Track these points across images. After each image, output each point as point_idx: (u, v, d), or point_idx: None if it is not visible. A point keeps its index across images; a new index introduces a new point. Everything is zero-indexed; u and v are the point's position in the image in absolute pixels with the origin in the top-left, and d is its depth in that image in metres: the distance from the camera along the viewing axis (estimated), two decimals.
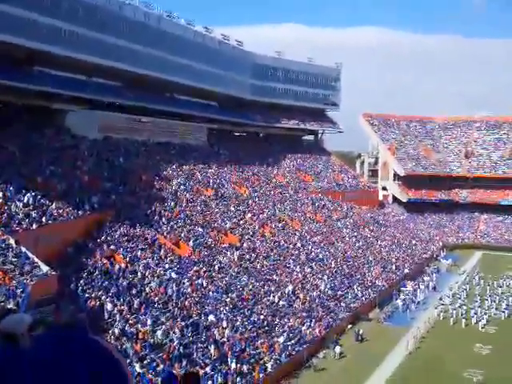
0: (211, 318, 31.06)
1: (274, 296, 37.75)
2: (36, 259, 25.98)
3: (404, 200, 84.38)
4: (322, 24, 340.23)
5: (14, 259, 25.03)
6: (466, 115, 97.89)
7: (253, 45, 74.68)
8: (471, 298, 48.21)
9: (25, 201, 31.56)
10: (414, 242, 68.20)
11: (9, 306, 20.24)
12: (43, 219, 30.94)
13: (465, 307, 44.40)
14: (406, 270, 55.98)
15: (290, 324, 34.72)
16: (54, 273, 25.95)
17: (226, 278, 37.14)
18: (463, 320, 41.56)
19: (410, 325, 40.53)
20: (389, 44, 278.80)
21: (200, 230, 43.05)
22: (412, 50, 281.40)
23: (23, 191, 32.44)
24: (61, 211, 33.15)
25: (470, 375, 31.50)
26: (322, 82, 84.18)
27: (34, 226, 29.70)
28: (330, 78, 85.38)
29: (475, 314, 42.76)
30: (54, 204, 33.16)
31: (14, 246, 26.00)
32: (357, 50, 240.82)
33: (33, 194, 32.61)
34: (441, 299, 47.16)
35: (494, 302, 46.79)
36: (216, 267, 38.18)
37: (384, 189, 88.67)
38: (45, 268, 25.59)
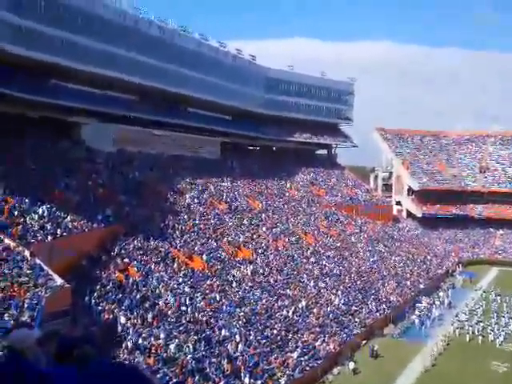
0: (224, 332, 30.82)
1: (287, 311, 37.42)
2: (50, 271, 25.95)
3: (418, 215, 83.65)
4: (328, 38, 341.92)
5: (28, 271, 25.03)
6: (481, 130, 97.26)
7: (261, 59, 74.77)
8: (488, 314, 47.50)
9: (40, 213, 31.67)
10: (428, 257, 67.53)
11: (23, 319, 20.19)
12: (58, 231, 31.00)
13: (481, 324, 43.77)
14: (421, 286, 55.37)
15: (303, 339, 34.36)
16: (68, 285, 25.89)
17: (240, 293, 36.90)
18: (480, 337, 40.93)
19: (425, 341, 39.97)
20: (398, 58, 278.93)
21: (213, 243, 42.93)
22: (422, 63, 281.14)
23: (38, 203, 32.58)
24: (75, 223, 33.22)
25: None
26: (335, 96, 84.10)
27: (49, 238, 29.75)
28: (344, 93, 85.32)
29: (492, 330, 42.08)
30: (68, 216, 33.26)
31: (29, 257, 26.02)
32: (366, 64, 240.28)
33: (48, 206, 32.74)
34: (457, 316, 46.47)
35: (511, 318, 46.03)
36: (229, 281, 37.98)
37: (398, 203, 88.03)
38: (59, 280, 25.54)
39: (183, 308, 31.53)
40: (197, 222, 45.23)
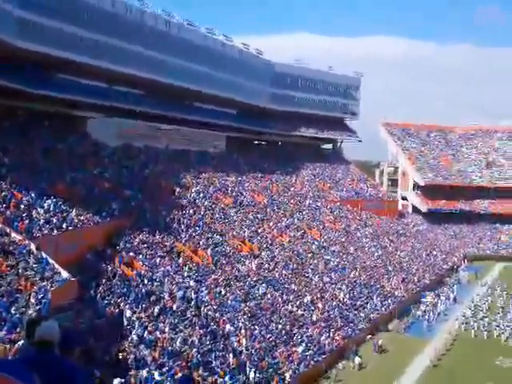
0: (229, 326, 30.88)
1: (292, 305, 37.47)
2: (56, 265, 26.07)
3: (424, 210, 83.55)
4: (335, 33, 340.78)
5: (34, 265, 25.12)
6: (488, 125, 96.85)
7: (267, 54, 74.59)
8: (493, 310, 47.42)
9: (46, 207, 31.77)
10: (434, 252, 67.43)
11: (29, 312, 20.30)
12: (64, 225, 31.10)
13: (486, 319, 43.71)
14: (426, 281, 55.30)
15: (308, 334, 34.40)
16: (73, 279, 26.00)
17: (245, 287, 36.97)
18: (485, 332, 40.88)
19: (430, 336, 39.97)
20: (404, 54, 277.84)
21: (218, 237, 42.99)
22: (429, 59, 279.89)
23: (44, 197, 32.66)
24: (81, 217, 33.31)
25: None
26: (341, 90, 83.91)
27: (55, 232, 29.86)
28: (350, 87, 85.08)
29: (497, 326, 42.02)
30: (74, 210, 33.34)
31: (35, 251, 26.12)
32: (371, 60, 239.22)
33: (54, 200, 32.82)
34: (466, 311, 46.20)
35: None
36: (235, 276, 38.04)
37: (404, 198, 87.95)
38: (65, 274, 25.66)
39: (188, 302, 31.59)
40: (202, 216, 45.28)
